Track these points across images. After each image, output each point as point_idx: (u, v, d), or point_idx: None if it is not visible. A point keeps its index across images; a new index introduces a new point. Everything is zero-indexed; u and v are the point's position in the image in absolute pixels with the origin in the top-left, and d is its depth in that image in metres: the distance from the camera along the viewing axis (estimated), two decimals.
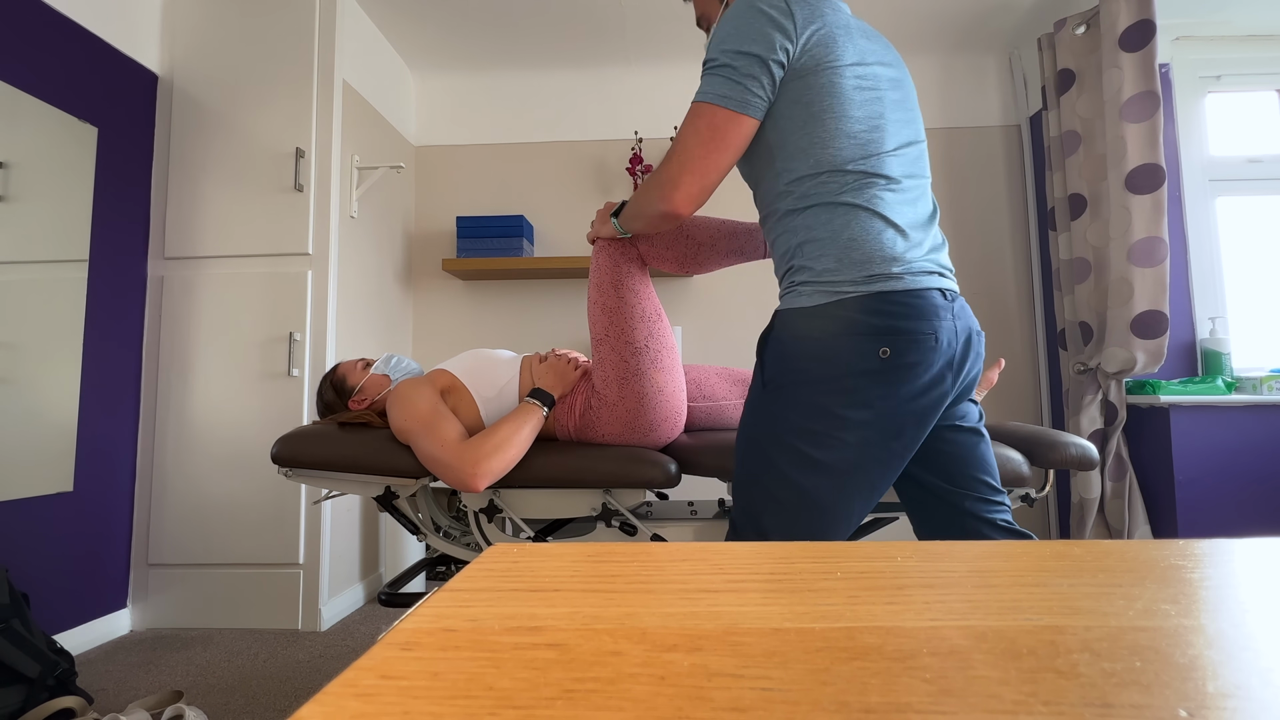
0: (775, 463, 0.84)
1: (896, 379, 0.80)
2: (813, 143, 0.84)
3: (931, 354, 0.81)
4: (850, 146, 0.84)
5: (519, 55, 2.49)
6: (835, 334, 0.81)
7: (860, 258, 0.81)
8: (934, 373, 0.81)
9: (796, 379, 0.84)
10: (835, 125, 0.83)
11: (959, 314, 0.85)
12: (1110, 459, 1.93)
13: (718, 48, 0.86)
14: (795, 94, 0.84)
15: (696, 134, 0.86)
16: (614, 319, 1.10)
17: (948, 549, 0.34)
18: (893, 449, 0.83)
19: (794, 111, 0.85)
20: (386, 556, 2.15)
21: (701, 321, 2.50)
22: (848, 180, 0.83)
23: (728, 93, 0.84)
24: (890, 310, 0.80)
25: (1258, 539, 0.35)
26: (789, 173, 0.86)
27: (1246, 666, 0.20)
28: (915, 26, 2.35)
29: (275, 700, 1.37)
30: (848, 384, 0.81)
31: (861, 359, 0.80)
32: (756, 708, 0.18)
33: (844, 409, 0.81)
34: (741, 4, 0.86)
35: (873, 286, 0.81)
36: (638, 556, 0.33)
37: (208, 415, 1.85)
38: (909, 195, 0.86)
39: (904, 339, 0.80)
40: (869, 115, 0.85)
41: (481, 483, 1.03)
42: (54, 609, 1.59)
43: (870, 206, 0.83)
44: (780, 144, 0.86)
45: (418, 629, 0.24)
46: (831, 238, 0.83)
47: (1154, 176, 1.85)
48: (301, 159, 1.87)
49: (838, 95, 0.83)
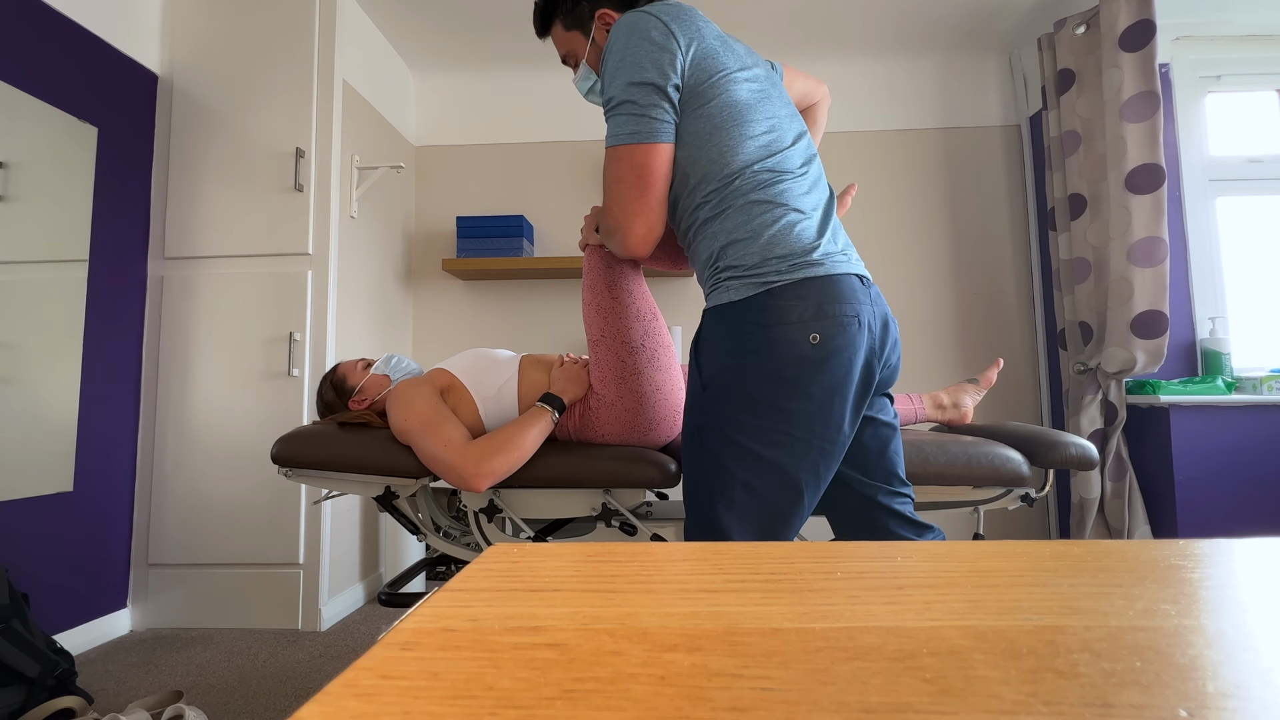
0: (723, 462, 0.84)
1: (828, 364, 0.81)
2: (722, 151, 0.86)
3: (857, 337, 0.82)
4: (755, 148, 0.86)
5: (519, 55, 2.49)
6: (766, 325, 0.82)
7: (782, 250, 0.83)
8: (862, 356, 0.83)
9: (734, 376, 0.84)
10: (739, 130, 0.86)
11: (875, 300, 0.87)
12: (1110, 459, 1.93)
13: (612, 84, 0.87)
14: (693, 108, 0.86)
15: (622, 179, 0.87)
16: (609, 320, 1.10)
17: (947, 549, 0.34)
18: (833, 436, 0.84)
19: (697, 126, 0.86)
20: (386, 556, 2.15)
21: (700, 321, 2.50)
22: (760, 179, 0.85)
23: (637, 129, 0.85)
24: (815, 296, 0.81)
25: (1258, 539, 0.35)
26: (704, 184, 0.87)
27: (1246, 666, 0.20)
28: (915, 26, 2.35)
29: (275, 700, 1.37)
30: (784, 374, 0.81)
31: (793, 348, 0.81)
32: (756, 708, 0.18)
33: (783, 400, 0.82)
34: (621, 35, 0.87)
35: (796, 274, 0.82)
36: (638, 556, 0.33)
37: (208, 415, 1.85)
38: (814, 186, 0.89)
39: (831, 323, 0.81)
40: (765, 115, 0.88)
41: (483, 483, 1.03)
42: (54, 609, 1.59)
43: (783, 201, 0.85)
44: (691, 160, 0.88)
45: (418, 629, 0.24)
46: (752, 236, 0.84)
47: (1154, 176, 1.85)
48: (301, 159, 1.87)
49: (734, 103, 0.86)
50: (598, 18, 0.98)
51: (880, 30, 2.36)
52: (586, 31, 1.01)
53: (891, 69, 2.54)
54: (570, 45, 1.04)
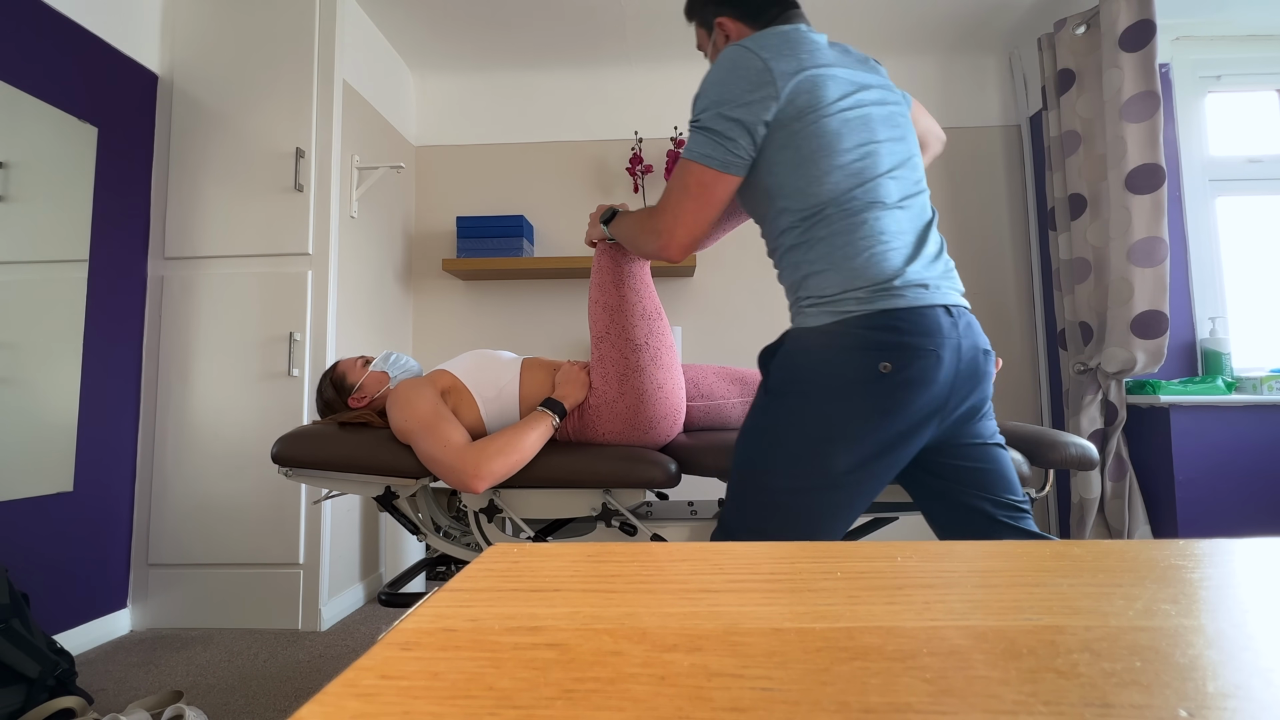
0: (775, 469, 0.87)
1: (896, 392, 0.82)
2: (808, 182, 0.87)
3: (934, 370, 0.82)
4: (844, 178, 0.86)
5: (519, 55, 2.49)
6: (840, 348, 0.84)
7: (863, 280, 0.84)
8: (935, 389, 0.83)
9: (801, 389, 0.86)
10: (827, 162, 0.86)
11: (965, 332, 0.86)
12: (1110, 459, 1.93)
13: (702, 107, 0.90)
14: (784, 140, 0.88)
15: (686, 190, 0.91)
16: (615, 316, 1.11)
17: (948, 549, 0.34)
18: (887, 460, 0.85)
19: (784, 156, 0.88)
20: (386, 556, 2.15)
21: (701, 321, 2.50)
22: (847, 209, 0.86)
23: (711, 153, 0.89)
24: (893, 326, 0.82)
25: (1258, 539, 0.35)
26: (790, 212, 0.89)
27: (1246, 666, 0.20)
28: (915, 26, 2.35)
29: (275, 700, 1.37)
30: (849, 396, 0.83)
31: (863, 372, 0.82)
32: (756, 708, 0.18)
33: (845, 420, 0.83)
34: (725, 65, 0.90)
35: (875, 304, 0.83)
36: (638, 556, 0.33)
37: (208, 415, 1.85)
38: (907, 212, 0.89)
39: (906, 353, 0.81)
40: (859, 143, 0.88)
41: (482, 485, 1.03)
42: (54, 609, 1.59)
43: (870, 230, 0.85)
44: (777, 187, 0.90)
45: (418, 629, 0.24)
46: (834, 267, 0.85)
47: (1154, 176, 1.85)
48: (301, 159, 1.87)
49: (825, 135, 0.87)
50: (717, 25, 1.03)
51: (880, 30, 2.36)
52: (710, 33, 1.06)
53: (891, 69, 2.54)
54: (700, 41, 1.10)
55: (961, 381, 0.85)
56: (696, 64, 2.57)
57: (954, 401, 0.86)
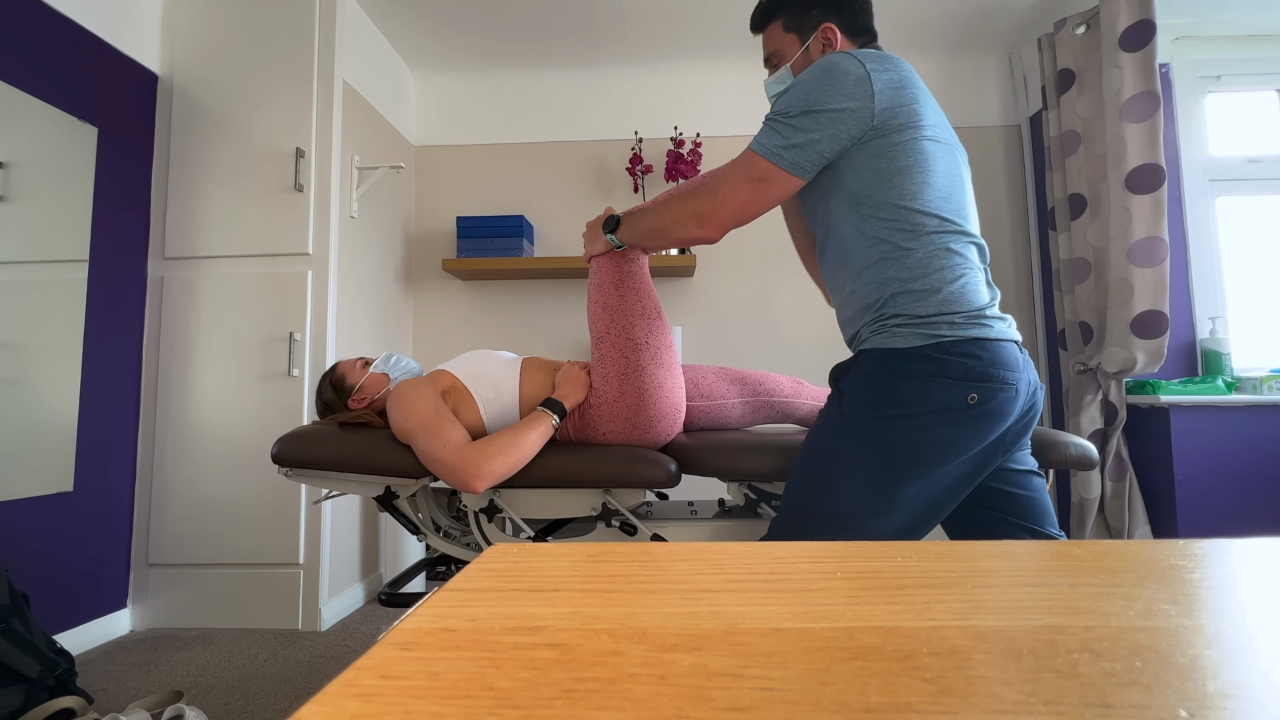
0: (843, 491, 0.86)
1: (979, 425, 0.83)
2: (900, 195, 0.87)
3: (1012, 404, 0.84)
4: (937, 200, 0.87)
5: (519, 55, 2.49)
6: (929, 375, 0.83)
7: (957, 306, 0.84)
8: (1009, 422, 0.85)
9: (882, 414, 0.85)
10: (922, 179, 0.86)
11: (1027, 367, 0.88)
12: (1110, 459, 1.93)
13: (789, 104, 0.88)
14: (879, 150, 0.87)
15: (746, 179, 0.89)
16: (615, 316, 1.11)
17: (948, 549, 0.34)
18: (957, 491, 0.86)
19: (879, 165, 0.87)
20: (386, 556, 2.15)
21: (701, 321, 2.50)
22: (940, 231, 0.87)
23: (783, 152, 0.87)
24: (983, 356, 0.83)
25: (1258, 539, 0.35)
26: (878, 222, 0.88)
27: (1246, 666, 0.20)
28: (915, 26, 2.35)
29: (275, 700, 1.37)
30: (935, 424, 0.83)
31: (950, 402, 0.82)
32: (756, 708, 0.18)
33: (924, 449, 0.83)
34: (828, 65, 0.87)
35: (969, 332, 0.83)
36: (638, 556, 0.33)
37: (208, 415, 1.85)
38: (982, 249, 0.91)
39: (992, 386, 0.83)
40: (948, 172, 0.89)
41: (482, 485, 1.03)
42: (54, 609, 1.59)
43: (962, 257, 0.87)
44: (866, 193, 0.89)
45: (418, 629, 0.24)
46: (930, 289, 0.85)
47: (1154, 176, 1.85)
48: (301, 159, 1.87)
49: (922, 155, 0.87)
50: (821, 30, 0.99)
51: (880, 30, 2.36)
52: (804, 39, 1.01)
53: None
54: (781, 47, 1.04)
55: (1024, 415, 0.88)
56: (696, 64, 2.56)
57: (1016, 434, 0.87)
